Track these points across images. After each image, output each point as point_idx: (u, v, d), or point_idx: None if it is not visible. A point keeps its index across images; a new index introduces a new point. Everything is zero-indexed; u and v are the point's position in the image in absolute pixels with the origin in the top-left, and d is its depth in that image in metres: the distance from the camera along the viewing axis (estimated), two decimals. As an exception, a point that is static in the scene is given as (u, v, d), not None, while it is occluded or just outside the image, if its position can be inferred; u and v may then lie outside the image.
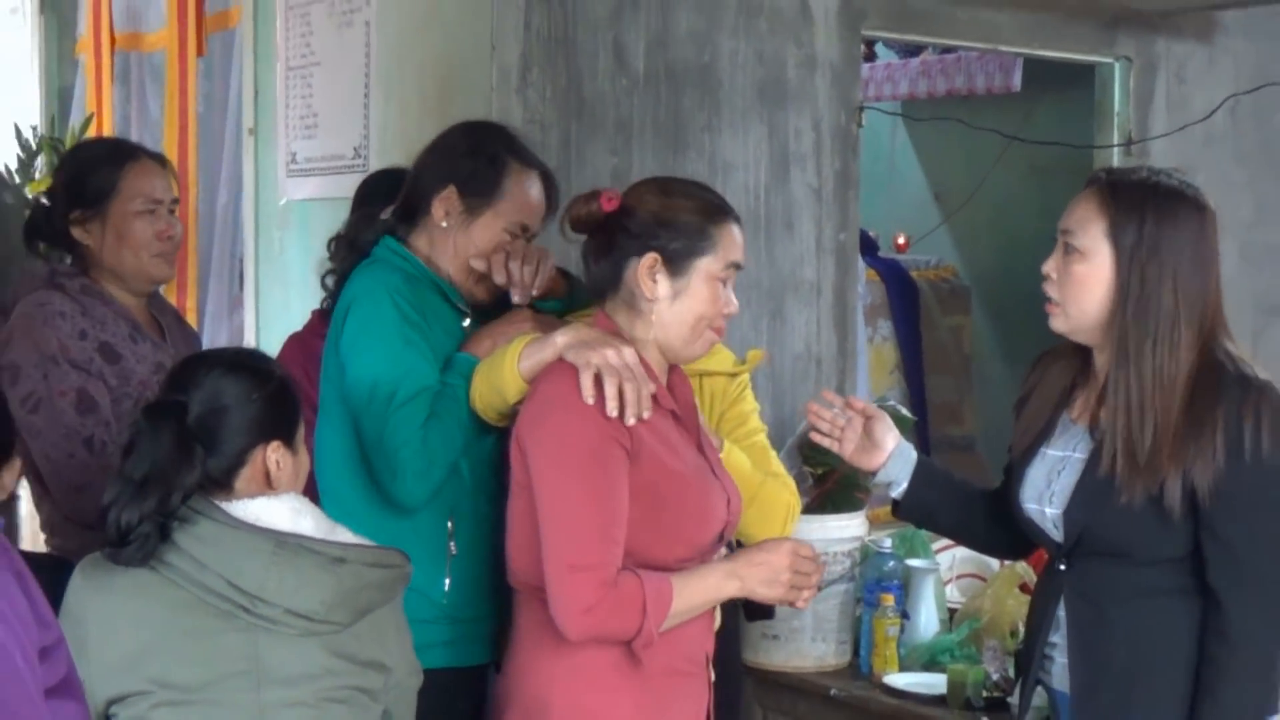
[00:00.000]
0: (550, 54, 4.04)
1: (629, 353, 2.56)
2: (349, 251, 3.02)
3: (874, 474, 2.93)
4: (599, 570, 2.49)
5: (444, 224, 2.95)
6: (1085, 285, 2.60)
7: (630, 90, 4.18)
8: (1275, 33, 5.55)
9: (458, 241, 2.95)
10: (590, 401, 2.51)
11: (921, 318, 6.11)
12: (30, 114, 6.10)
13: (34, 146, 5.49)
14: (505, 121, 3.32)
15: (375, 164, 4.35)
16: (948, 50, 5.99)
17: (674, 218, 2.65)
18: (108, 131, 5.78)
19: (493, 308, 3.00)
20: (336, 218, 4.48)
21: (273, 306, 4.89)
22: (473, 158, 2.96)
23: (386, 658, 2.48)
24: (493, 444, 2.89)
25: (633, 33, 4.18)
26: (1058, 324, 2.66)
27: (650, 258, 2.63)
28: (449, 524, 2.90)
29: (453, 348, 2.91)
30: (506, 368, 2.71)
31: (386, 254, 2.95)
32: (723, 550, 2.75)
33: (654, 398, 2.59)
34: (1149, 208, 2.57)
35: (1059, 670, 2.73)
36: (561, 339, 2.63)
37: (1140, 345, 2.55)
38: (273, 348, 3.73)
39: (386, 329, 2.82)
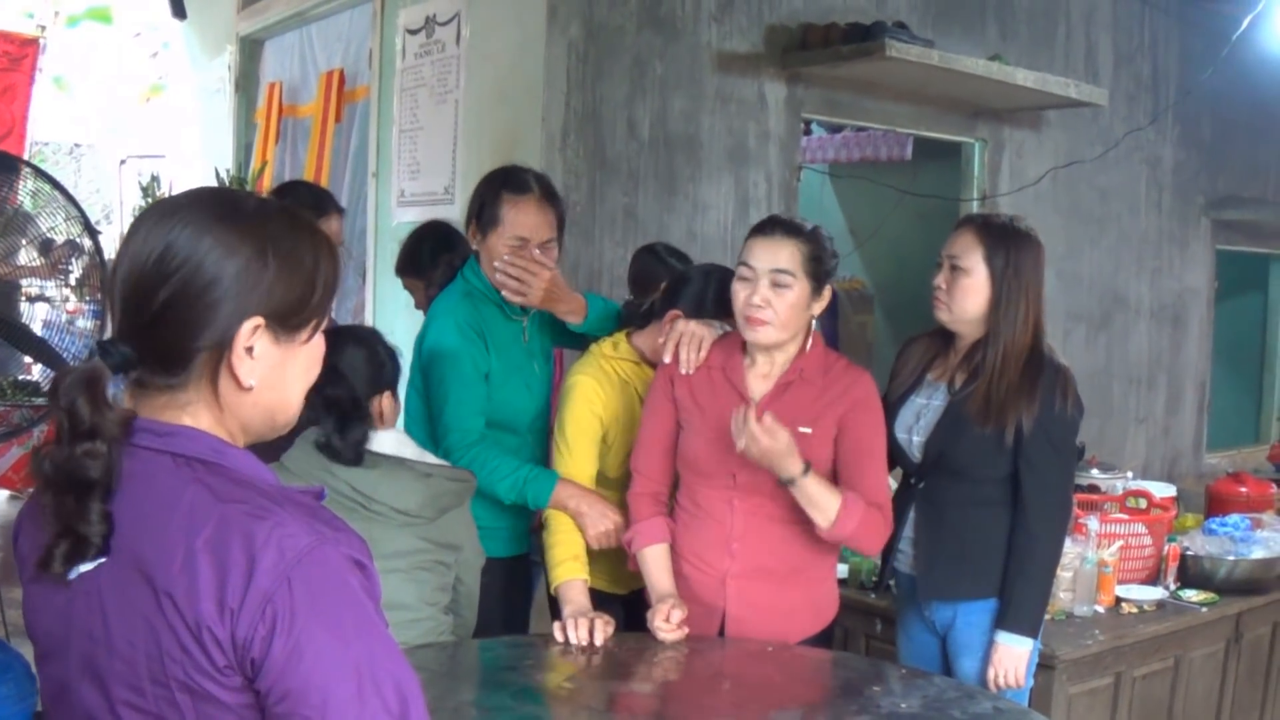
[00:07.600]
0: (583, 125, 4.04)
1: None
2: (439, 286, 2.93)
3: None
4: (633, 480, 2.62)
5: (475, 246, 2.85)
6: (968, 293, 2.60)
7: (639, 152, 4.17)
8: (1081, 126, 5.63)
9: (486, 254, 2.82)
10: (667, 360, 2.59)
11: (839, 316, 6.11)
12: (226, 160, 6.12)
13: (227, 184, 5.47)
14: (516, 164, 2.98)
15: (459, 198, 4.34)
16: (861, 129, 5.98)
17: None
18: (269, 176, 5.74)
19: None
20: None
21: (385, 294, 4.88)
22: (480, 198, 2.85)
23: (458, 541, 2.48)
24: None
25: (641, 111, 4.17)
26: (943, 317, 2.64)
27: None
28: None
29: (510, 346, 2.84)
30: None
31: (467, 272, 2.87)
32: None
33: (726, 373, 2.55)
34: (1010, 241, 2.59)
35: (906, 559, 2.73)
36: None
37: (1008, 332, 2.57)
38: (383, 324, 3.72)
39: (449, 347, 2.75)
